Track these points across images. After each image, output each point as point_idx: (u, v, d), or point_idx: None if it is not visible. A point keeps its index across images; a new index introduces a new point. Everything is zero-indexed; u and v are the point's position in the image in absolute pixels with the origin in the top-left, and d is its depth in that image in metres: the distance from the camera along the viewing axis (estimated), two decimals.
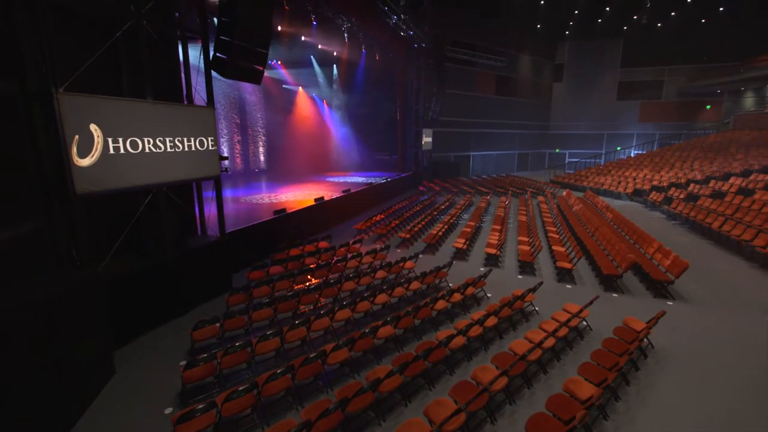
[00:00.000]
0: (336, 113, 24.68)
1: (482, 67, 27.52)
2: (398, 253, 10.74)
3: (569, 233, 12.03)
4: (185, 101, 7.78)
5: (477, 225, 12.92)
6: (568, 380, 4.73)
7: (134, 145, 6.10)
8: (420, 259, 9.81)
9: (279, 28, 14.05)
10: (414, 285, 7.67)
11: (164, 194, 6.98)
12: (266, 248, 10.09)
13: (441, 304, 6.80)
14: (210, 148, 7.57)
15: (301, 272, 8.19)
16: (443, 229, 12.08)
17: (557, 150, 33.41)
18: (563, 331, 5.83)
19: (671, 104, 30.11)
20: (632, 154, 28.46)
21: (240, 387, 4.20)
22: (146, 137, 6.28)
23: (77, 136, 5.31)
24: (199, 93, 7.81)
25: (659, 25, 28.12)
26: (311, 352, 5.02)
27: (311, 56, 20.31)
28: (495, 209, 16.43)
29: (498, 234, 11.39)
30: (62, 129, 5.15)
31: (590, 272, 9.41)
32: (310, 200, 13.13)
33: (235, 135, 20.63)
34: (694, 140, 26.04)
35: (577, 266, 9.56)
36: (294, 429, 3.59)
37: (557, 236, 11.67)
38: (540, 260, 10.20)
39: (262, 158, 22.79)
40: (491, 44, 27.28)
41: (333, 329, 6.40)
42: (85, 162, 5.46)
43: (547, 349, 5.57)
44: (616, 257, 9.27)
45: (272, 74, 20.79)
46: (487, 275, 7.97)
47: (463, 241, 10.71)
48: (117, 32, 6.08)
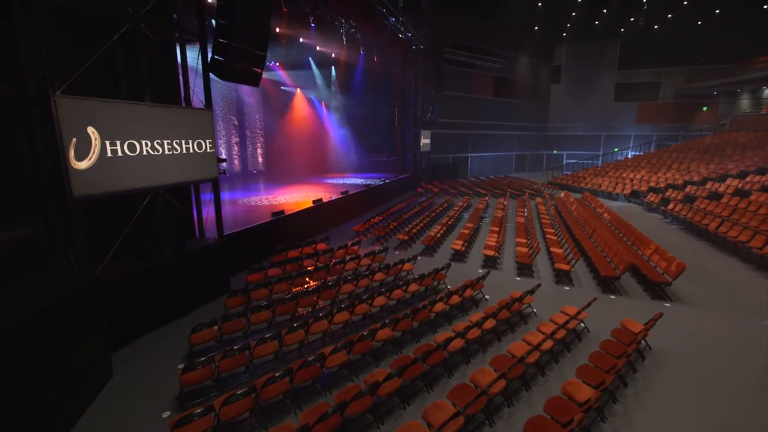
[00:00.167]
0: (334, 115, 24.69)
1: (480, 69, 27.59)
2: (396, 255, 10.75)
3: (567, 235, 12.07)
4: (183, 103, 7.77)
5: (475, 227, 12.94)
6: (566, 383, 4.75)
7: (132, 148, 6.09)
8: (418, 261, 9.82)
9: (277, 30, 14.07)
10: (412, 287, 7.68)
11: (162, 197, 6.96)
12: (264, 250, 10.08)
13: (439, 307, 6.80)
14: (208, 151, 7.56)
15: (300, 274, 8.18)
16: (441, 231, 12.10)
17: (555, 151, 33.51)
18: (561, 334, 5.84)
19: (668, 106, 30.26)
20: (629, 156, 28.58)
21: (238, 390, 4.19)
22: (144, 140, 6.27)
23: (75, 139, 5.31)
24: (197, 95, 7.81)
25: (656, 27, 28.28)
26: (310, 356, 5.01)
27: (309, 58, 20.31)
28: (493, 211, 16.45)
29: (496, 236, 11.41)
30: (60, 132, 5.14)
31: (588, 274, 9.44)
32: (309, 202, 13.13)
33: (233, 136, 20.62)
34: (691, 142, 26.16)
35: (575, 268, 9.59)
36: None
37: (555, 238, 11.70)
38: (538, 262, 10.23)
39: (260, 160, 22.78)
40: (489, 46, 27.36)
41: (331, 332, 6.39)
42: (83, 165, 5.45)
43: (545, 352, 5.58)
44: (614, 259, 9.30)
45: (270, 76, 20.79)
46: (486, 277, 7.98)
47: (462, 243, 10.73)
48: (115, 35, 6.07)
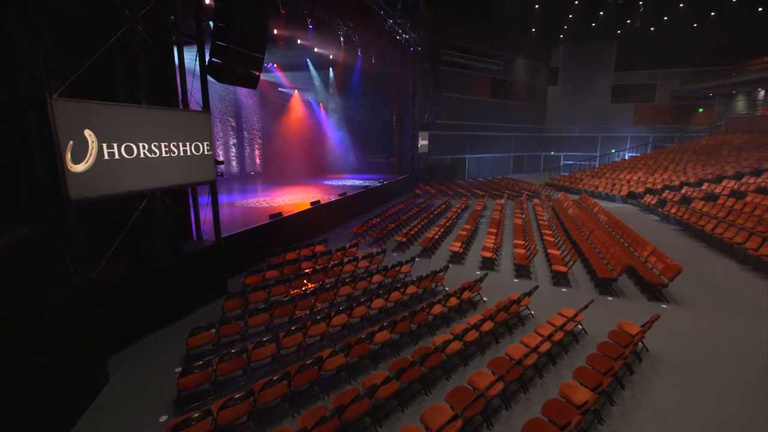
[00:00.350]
0: (332, 116, 24.69)
1: (478, 71, 27.66)
2: (395, 257, 10.75)
3: (564, 236, 12.10)
4: (181, 106, 7.75)
5: (473, 228, 12.96)
6: (564, 385, 4.76)
7: (129, 151, 6.07)
8: (416, 263, 9.83)
9: (275, 32, 14.07)
10: (410, 289, 7.69)
11: (159, 199, 6.95)
12: (262, 252, 10.06)
13: (437, 309, 6.81)
14: (206, 153, 7.54)
15: (298, 277, 8.17)
16: (439, 233, 12.11)
17: (552, 152, 33.62)
18: (559, 336, 5.85)
19: (664, 107, 30.42)
20: (626, 157, 28.70)
21: (236, 394, 4.18)
22: (141, 142, 6.25)
23: (71, 142, 5.28)
24: (195, 97, 7.80)
25: (652, 29, 28.44)
26: (308, 359, 5.01)
27: (307, 59, 20.32)
28: (491, 212, 16.49)
29: (494, 237, 11.43)
30: (56, 135, 5.12)
31: (585, 275, 9.47)
32: (307, 204, 13.12)
33: (231, 138, 20.58)
34: (687, 143, 26.31)
35: (573, 269, 9.62)
36: None
37: (553, 239, 11.73)
38: (536, 263, 10.25)
39: (258, 161, 22.75)
40: (487, 48, 27.45)
41: (329, 334, 6.39)
42: (80, 168, 5.43)
43: (543, 354, 5.59)
44: (611, 260, 9.33)
45: (268, 77, 20.78)
46: (483, 279, 8.00)
47: (460, 245, 10.75)
48: (112, 37, 6.06)
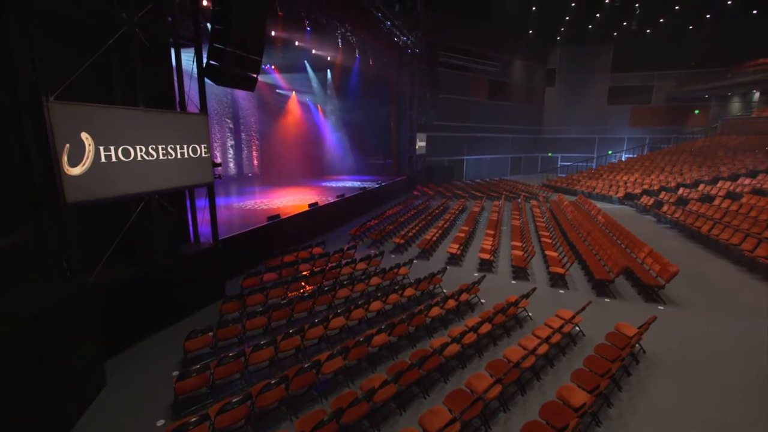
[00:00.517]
0: (330, 118, 24.70)
1: (475, 72, 27.74)
2: (392, 259, 10.76)
3: (562, 238, 12.14)
4: (178, 108, 7.74)
5: (471, 230, 12.98)
6: (561, 387, 4.77)
7: (126, 153, 6.05)
8: (414, 265, 9.83)
9: (272, 34, 14.07)
10: (408, 291, 7.69)
11: (156, 202, 6.92)
12: (260, 255, 10.04)
13: (435, 311, 6.82)
14: (203, 155, 7.53)
15: (295, 279, 8.16)
16: (437, 234, 12.12)
17: (549, 154, 33.74)
18: (556, 338, 5.87)
19: (661, 109, 30.60)
20: (623, 158, 28.84)
21: (234, 398, 4.17)
22: (138, 145, 6.23)
23: (68, 145, 5.26)
24: (192, 99, 7.79)
25: (648, 32, 28.61)
26: (306, 362, 5.01)
27: (305, 61, 20.33)
28: (488, 214, 16.53)
29: (492, 239, 11.45)
30: (52, 138, 5.10)
31: (583, 277, 9.50)
32: (304, 205, 13.11)
33: (229, 140, 20.54)
34: (683, 144, 26.48)
35: (570, 271, 9.65)
36: None
37: (550, 241, 11.77)
38: (533, 265, 10.28)
39: (256, 163, 22.70)
40: (484, 49, 27.54)
41: (327, 337, 6.38)
42: (76, 171, 5.41)
43: (541, 356, 5.61)
44: (608, 262, 9.37)
45: (266, 79, 20.76)
46: (481, 281, 8.01)
47: (457, 247, 10.76)
48: (109, 39, 6.05)
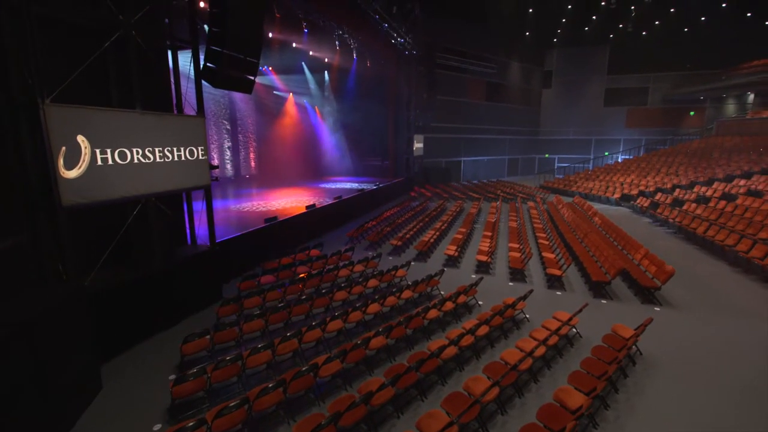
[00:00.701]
0: (327, 119, 24.70)
1: (473, 74, 27.84)
2: (390, 261, 10.76)
3: (559, 239, 12.18)
4: (175, 110, 7.72)
5: (468, 231, 13.00)
6: (559, 390, 4.78)
7: (123, 156, 6.03)
8: (412, 267, 9.83)
9: (270, 35, 14.07)
10: (406, 294, 7.69)
11: (153, 204, 6.90)
12: (257, 257, 10.02)
13: (433, 313, 6.82)
14: (200, 158, 7.51)
15: (293, 282, 8.15)
16: (435, 236, 12.14)
17: (546, 155, 33.88)
18: (553, 340, 5.88)
19: (656, 110, 30.80)
20: (619, 160, 28.98)
21: (231, 402, 4.15)
22: (135, 148, 6.21)
23: (64, 148, 5.24)
24: (189, 101, 7.77)
25: (644, 34, 28.80)
26: (303, 365, 5.00)
27: (302, 63, 20.34)
28: (486, 215, 16.56)
29: (489, 241, 11.48)
30: (48, 140, 5.08)
31: (580, 278, 9.54)
32: (302, 207, 13.10)
33: (226, 141, 20.51)
34: (679, 146, 26.65)
35: (567, 273, 9.68)
36: None
37: (547, 242, 11.80)
38: (530, 267, 10.31)
39: (253, 164, 22.67)
40: (481, 51, 27.63)
41: (325, 340, 6.37)
42: (72, 174, 5.38)
43: (538, 358, 5.63)
44: (605, 264, 9.41)
45: (263, 80, 20.75)
46: (479, 283, 8.02)
47: (455, 248, 10.78)
48: (106, 42, 6.03)
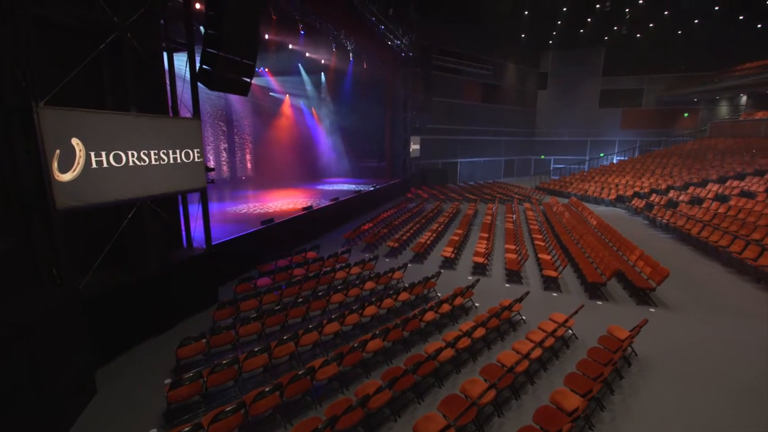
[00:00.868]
0: (324, 121, 24.69)
1: (469, 76, 27.94)
2: (387, 263, 10.76)
3: (555, 241, 12.24)
4: (171, 113, 7.69)
5: (465, 233, 13.03)
6: (555, 392, 4.80)
7: (118, 159, 6.00)
8: (409, 269, 9.84)
9: (266, 37, 14.06)
10: (403, 296, 7.69)
11: (148, 207, 6.87)
12: (254, 259, 9.99)
13: (430, 316, 6.83)
14: (196, 160, 7.48)
15: (290, 284, 8.13)
16: (431, 238, 12.15)
17: (542, 156, 34.04)
18: (550, 342, 5.91)
19: (651, 112, 31.05)
20: (614, 161, 29.19)
21: (227, 407, 4.13)
22: (130, 150, 6.18)
23: (58, 151, 5.21)
24: (185, 103, 7.74)
25: (638, 36, 29.04)
26: (300, 368, 4.98)
27: (299, 64, 20.34)
28: (482, 217, 16.60)
29: (485, 242, 11.51)
30: (42, 143, 5.04)
31: (575, 280, 9.58)
32: (299, 209, 13.08)
33: (222, 142, 20.43)
34: (673, 147, 26.87)
35: (563, 274, 9.73)
36: None
37: (543, 244, 11.85)
38: (527, 268, 10.34)
39: (249, 166, 22.60)
40: (477, 53, 27.75)
41: (321, 342, 6.36)
42: (67, 177, 5.34)
43: (534, 360, 5.64)
44: (600, 265, 9.46)
45: (259, 82, 20.71)
46: (475, 285, 8.04)
47: (451, 250, 10.80)
48: (101, 44, 6.00)
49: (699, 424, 4.74)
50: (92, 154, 5.63)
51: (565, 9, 27.01)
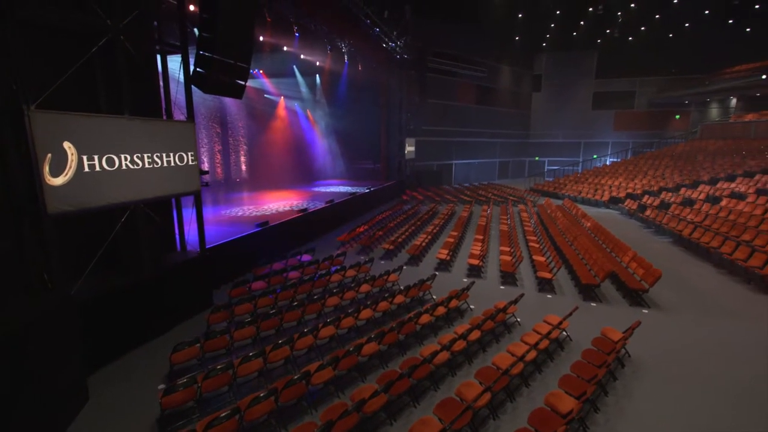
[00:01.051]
0: (319, 123, 24.66)
1: (463, 78, 28.07)
2: (382, 265, 10.76)
3: (549, 242, 12.31)
4: (164, 116, 7.64)
5: (460, 235, 13.07)
6: (549, 394, 4.83)
7: (110, 162, 5.95)
8: (404, 271, 9.85)
9: (261, 39, 14.01)
10: (398, 299, 7.70)
11: (142, 211, 6.81)
12: (248, 263, 9.94)
13: (425, 318, 6.84)
14: (190, 163, 7.44)
15: (285, 288, 8.10)
16: (427, 240, 12.17)
17: (537, 158, 34.26)
18: (544, 344, 5.94)
19: (643, 114, 31.41)
20: (608, 162, 29.46)
21: (222, 412, 4.11)
22: (123, 154, 6.13)
23: (50, 155, 5.16)
24: (179, 105, 7.70)
25: (630, 39, 29.39)
26: (295, 373, 4.97)
27: (294, 66, 20.29)
28: (477, 218, 16.67)
29: (480, 244, 11.55)
30: (34, 147, 4.99)
31: (570, 281, 9.65)
32: (294, 212, 13.04)
33: (216, 144, 20.32)
34: (665, 149, 27.16)
35: (557, 276, 9.79)
36: None
37: (537, 245, 11.92)
38: (521, 270, 10.39)
39: (244, 168, 22.48)
40: (472, 55, 27.88)
41: (317, 346, 6.34)
42: (58, 181, 5.29)
43: (529, 362, 5.67)
44: (594, 266, 9.53)
45: (254, 83, 20.61)
46: (470, 287, 8.07)
47: (446, 252, 10.83)
48: (93, 47, 5.95)
49: (691, 425, 4.79)
50: (85, 158, 5.58)
51: (559, 12, 27.29)
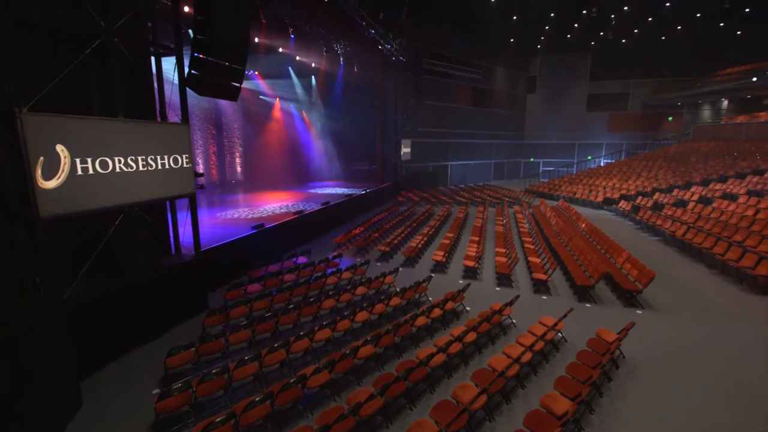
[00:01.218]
0: (314, 124, 24.63)
1: (459, 79, 28.16)
2: (378, 267, 10.76)
3: (544, 244, 12.38)
4: (159, 118, 7.60)
5: (455, 236, 13.10)
6: (545, 396, 4.85)
7: (104, 165, 5.90)
8: (400, 273, 9.85)
9: (256, 40, 13.98)
10: (394, 301, 7.70)
11: (136, 213, 6.76)
12: (244, 265, 9.90)
13: (421, 321, 6.84)
14: (185, 166, 7.41)
15: (280, 290, 8.07)
16: (422, 242, 12.19)
17: (532, 159, 34.44)
18: (540, 345, 5.97)
19: (637, 115, 31.68)
20: (602, 163, 29.67)
21: (217, 417, 4.08)
22: (117, 156, 6.09)
23: (42, 158, 5.10)
24: (174, 107, 7.66)
25: (624, 41, 29.67)
26: (291, 376, 4.95)
27: (289, 68, 20.26)
28: (473, 220, 16.71)
29: (476, 246, 11.59)
30: (26, 150, 4.93)
31: (565, 283, 9.70)
32: (290, 214, 13.00)
33: (211, 146, 20.22)
34: (658, 150, 27.42)
35: (552, 277, 9.84)
36: None
37: (533, 247, 11.98)
38: (517, 272, 10.44)
39: (239, 169, 22.39)
40: (468, 57, 28.00)
41: (313, 349, 6.32)
42: (51, 184, 5.24)
43: (525, 364, 5.69)
44: (589, 268, 9.60)
45: (249, 85, 20.56)
46: (466, 289, 8.09)
47: (442, 254, 10.85)
48: (87, 49, 5.91)
49: (685, 425, 4.83)
50: (78, 161, 5.53)
51: (553, 14, 27.47)
